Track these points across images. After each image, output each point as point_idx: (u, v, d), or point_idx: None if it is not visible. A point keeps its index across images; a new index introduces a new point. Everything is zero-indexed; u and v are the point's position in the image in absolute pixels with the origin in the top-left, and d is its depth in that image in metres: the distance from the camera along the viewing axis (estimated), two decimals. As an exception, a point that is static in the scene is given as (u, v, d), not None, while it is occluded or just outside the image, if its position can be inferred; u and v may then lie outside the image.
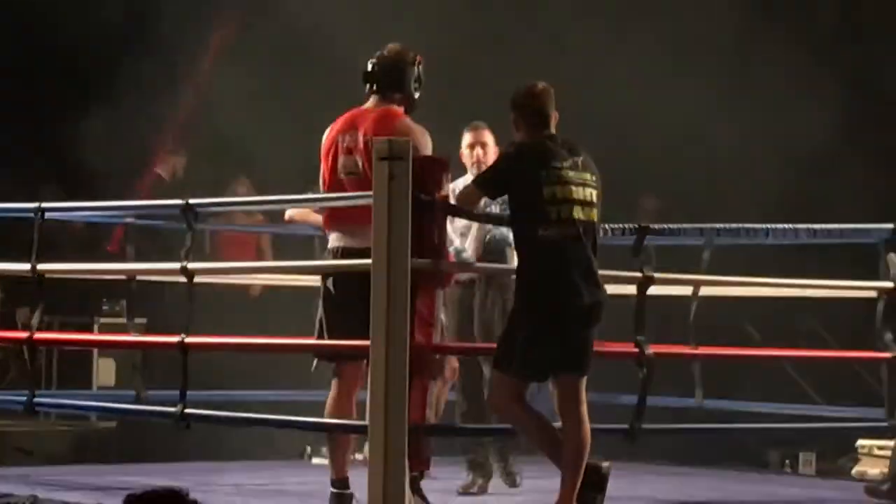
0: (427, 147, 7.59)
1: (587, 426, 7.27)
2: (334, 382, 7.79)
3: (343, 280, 7.47)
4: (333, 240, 7.64)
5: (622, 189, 8.72)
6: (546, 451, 7.30)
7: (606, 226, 7.77)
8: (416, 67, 7.81)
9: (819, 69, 12.25)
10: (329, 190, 7.64)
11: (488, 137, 8.82)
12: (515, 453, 9.02)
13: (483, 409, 8.51)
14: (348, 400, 7.59)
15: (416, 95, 7.81)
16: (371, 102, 7.77)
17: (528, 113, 7.36)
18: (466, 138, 8.92)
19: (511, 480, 9.13)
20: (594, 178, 7.32)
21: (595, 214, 7.29)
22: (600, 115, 11.73)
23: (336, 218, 7.61)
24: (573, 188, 7.21)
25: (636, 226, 8.00)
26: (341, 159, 7.52)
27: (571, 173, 7.22)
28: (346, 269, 7.45)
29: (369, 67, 7.80)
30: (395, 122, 7.60)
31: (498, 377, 7.27)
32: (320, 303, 7.72)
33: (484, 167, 8.30)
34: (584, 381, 7.31)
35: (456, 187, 8.01)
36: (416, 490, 7.57)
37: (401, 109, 7.73)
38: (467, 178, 8.18)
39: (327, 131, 7.78)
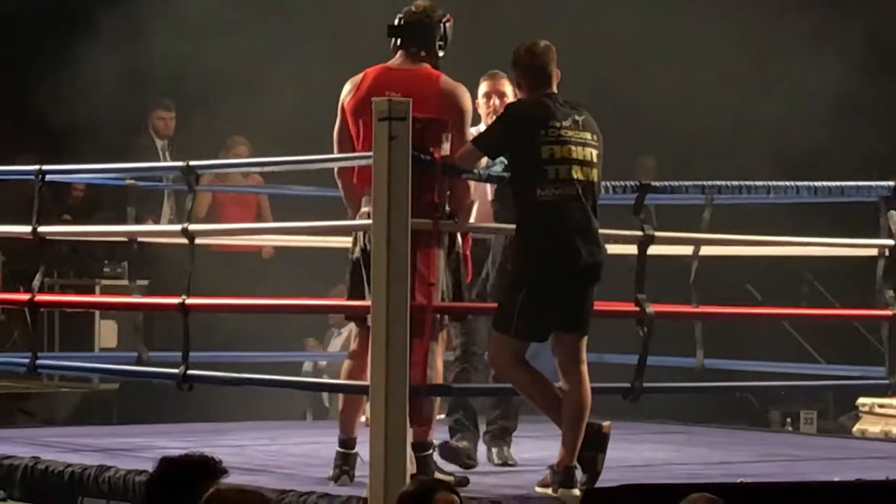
0: (470, 106, 7.63)
1: (587, 385, 7.29)
2: (352, 347, 7.84)
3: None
4: (365, 203, 7.56)
5: (619, 150, 8.66)
6: (546, 410, 7.32)
7: (608, 183, 7.78)
8: (442, 25, 7.74)
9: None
10: (366, 150, 7.41)
11: (507, 87, 8.34)
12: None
13: (471, 372, 8.42)
14: (363, 364, 7.49)
15: (441, 54, 7.76)
16: (398, 60, 7.72)
17: (530, 71, 7.35)
18: (483, 87, 8.48)
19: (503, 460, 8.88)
20: (595, 138, 7.32)
21: (595, 174, 7.29)
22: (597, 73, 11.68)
23: (370, 181, 7.34)
24: (572, 147, 7.21)
25: (637, 183, 8.00)
26: None
27: (570, 133, 7.22)
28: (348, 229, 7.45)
29: (396, 21, 7.76)
30: (438, 83, 7.59)
31: (498, 338, 7.29)
32: (354, 265, 7.71)
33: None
34: (585, 340, 7.33)
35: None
36: (428, 467, 7.55)
37: (432, 68, 7.70)
38: (480, 129, 8.07)
39: (350, 86, 7.71)
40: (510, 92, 8.17)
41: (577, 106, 7.34)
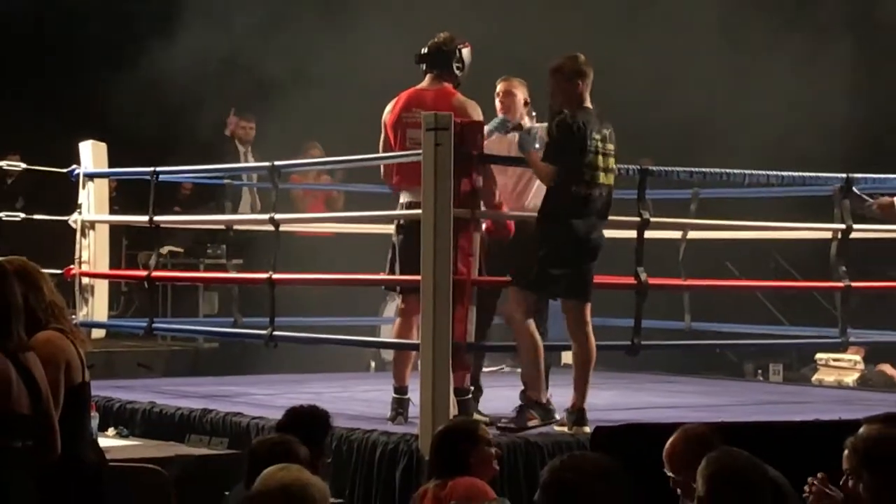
0: (478, 117, 7.60)
1: (593, 343, 7.26)
2: (399, 310, 7.81)
3: (409, 228, 7.42)
4: (404, 196, 7.64)
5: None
6: (532, 362, 7.26)
7: (614, 166, 7.71)
8: (458, 51, 7.75)
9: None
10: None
11: (517, 89, 8.08)
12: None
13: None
14: (409, 324, 7.56)
15: (459, 74, 7.76)
16: (426, 82, 7.78)
17: (578, 84, 7.17)
18: (498, 87, 8.18)
19: None
20: (614, 149, 7.27)
21: (613, 179, 7.26)
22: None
23: (405, 179, 7.58)
24: (602, 157, 7.18)
25: (638, 167, 7.95)
26: (409, 132, 7.49)
27: (603, 145, 7.18)
28: (410, 218, 7.41)
29: (422, 51, 7.79)
30: (451, 100, 7.61)
31: (515, 293, 7.24)
32: (392, 245, 7.70)
33: (510, 115, 7.93)
34: (588, 306, 7.29)
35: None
36: (469, 409, 7.52)
37: (451, 87, 7.71)
38: (494, 122, 7.90)
39: (390, 107, 7.78)
40: (521, 94, 7.99)
41: (605, 119, 7.26)
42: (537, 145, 7.23)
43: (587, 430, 7.07)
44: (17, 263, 5.30)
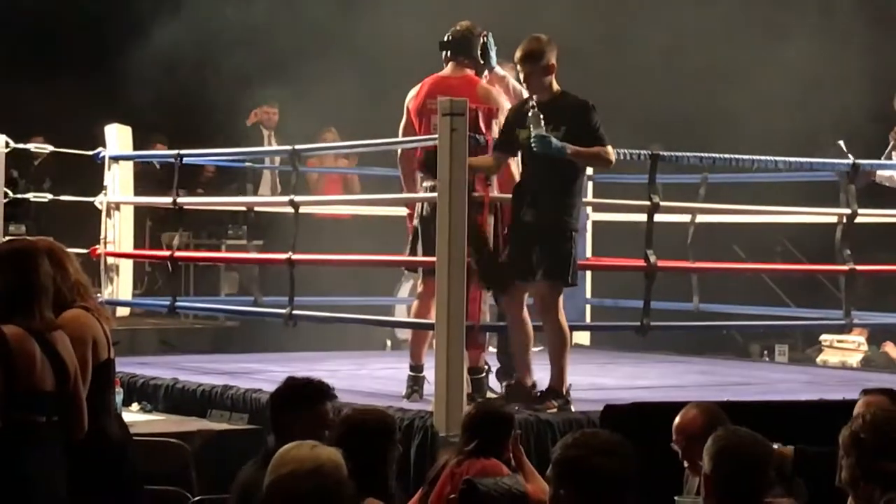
0: (504, 102, 7.60)
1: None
2: (419, 292, 7.82)
3: (432, 211, 7.33)
4: (427, 180, 7.54)
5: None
6: (525, 347, 7.25)
7: (625, 151, 7.66)
8: (481, 38, 7.74)
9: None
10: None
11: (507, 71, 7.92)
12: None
13: None
14: (428, 305, 7.51)
15: (482, 62, 7.74)
16: (448, 69, 7.76)
17: (554, 66, 7.09)
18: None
19: None
20: None
21: None
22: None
23: None
24: None
25: (649, 153, 7.93)
26: (434, 118, 7.39)
27: None
28: (433, 202, 7.40)
29: (445, 38, 7.78)
30: (475, 88, 7.59)
31: (551, 287, 7.18)
32: (415, 228, 7.69)
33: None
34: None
35: None
36: (482, 387, 7.54)
37: (473, 75, 7.71)
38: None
39: (412, 94, 7.76)
40: (510, 76, 7.85)
41: None
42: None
43: (573, 409, 7.07)
44: (44, 244, 5.32)
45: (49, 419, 4.94)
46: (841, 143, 8.58)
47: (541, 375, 7.33)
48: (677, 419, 5.24)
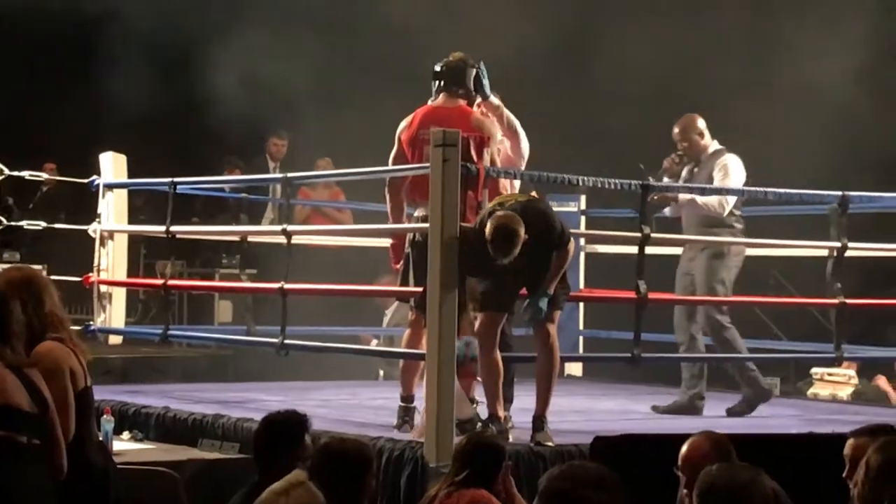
0: (497, 132, 7.59)
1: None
2: (410, 321, 7.77)
3: (424, 241, 7.26)
4: (419, 210, 7.57)
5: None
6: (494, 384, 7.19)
7: (618, 181, 7.71)
8: (474, 70, 7.74)
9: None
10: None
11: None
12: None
13: None
14: (420, 335, 7.44)
15: (475, 92, 7.74)
16: (441, 99, 7.73)
17: None
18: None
19: None
20: None
21: None
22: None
23: (419, 193, 7.46)
24: None
25: (640, 183, 7.92)
26: (426, 149, 7.30)
27: None
28: (425, 231, 7.35)
29: (437, 69, 7.77)
30: (469, 118, 7.57)
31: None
32: (406, 257, 7.66)
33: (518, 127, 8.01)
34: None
35: None
36: (478, 418, 7.50)
37: (466, 105, 7.69)
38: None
39: (404, 124, 7.74)
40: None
41: None
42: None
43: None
44: (25, 274, 5.42)
45: (30, 441, 4.93)
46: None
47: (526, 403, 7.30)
48: (685, 447, 5.18)
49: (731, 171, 8.64)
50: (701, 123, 8.79)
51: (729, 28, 11.40)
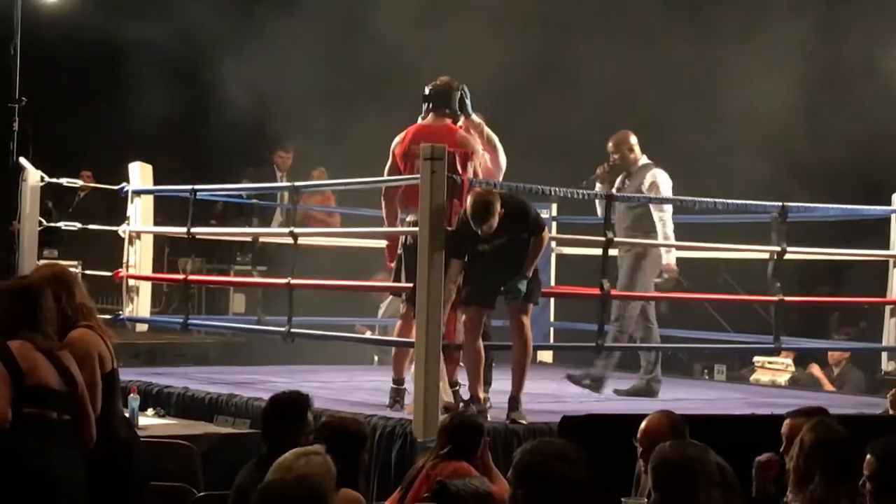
0: (479, 147, 7.59)
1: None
2: (402, 314, 7.76)
3: (413, 243, 7.25)
4: (411, 216, 7.52)
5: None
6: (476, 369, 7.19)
7: (585, 193, 7.77)
8: (459, 92, 7.74)
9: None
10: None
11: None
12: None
13: None
14: (410, 325, 7.41)
15: (459, 112, 7.74)
16: (430, 119, 7.74)
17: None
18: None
19: None
20: None
21: None
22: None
23: (411, 201, 7.44)
24: None
25: (605, 194, 7.93)
26: (417, 162, 7.24)
27: None
28: (415, 234, 7.34)
29: (426, 91, 7.77)
30: (454, 135, 7.58)
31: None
32: (399, 257, 7.65)
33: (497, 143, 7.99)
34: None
35: None
36: (457, 399, 7.49)
37: (451, 123, 7.69)
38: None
39: (398, 140, 7.75)
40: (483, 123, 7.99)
41: None
42: None
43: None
44: (54, 270, 5.50)
45: (60, 417, 4.96)
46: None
47: (503, 385, 7.31)
48: (644, 423, 5.19)
49: (660, 184, 8.63)
50: (633, 139, 8.79)
51: (679, 54, 11.35)
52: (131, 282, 9.80)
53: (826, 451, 4.58)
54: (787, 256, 8.50)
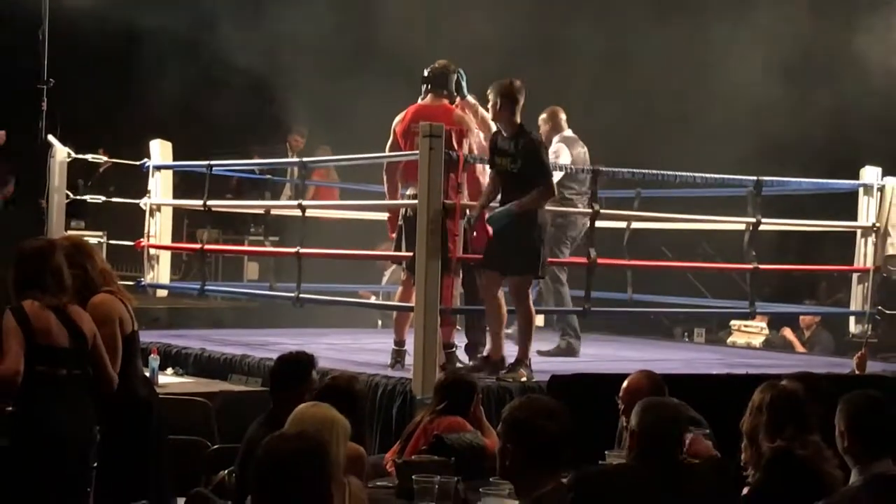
0: (474, 126, 7.57)
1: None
2: (402, 280, 7.76)
3: (413, 215, 7.24)
4: (411, 189, 7.48)
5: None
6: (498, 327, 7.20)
7: (572, 168, 7.73)
8: (455, 75, 7.73)
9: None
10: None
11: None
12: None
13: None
14: (410, 291, 7.41)
15: (456, 93, 7.73)
16: (429, 99, 7.74)
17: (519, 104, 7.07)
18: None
19: None
20: None
21: None
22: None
23: (410, 176, 7.42)
24: None
25: (591, 168, 7.92)
26: (416, 139, 7.21)
27: None
28: (411, 206, 7.32)
29: (425, 73, 7.76)
30: (451, 114, 7.58)
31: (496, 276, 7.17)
32: (400, 228, 7.63)
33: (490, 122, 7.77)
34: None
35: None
36: (453, 359, 7.48)
37: (448, 104, 7.68)
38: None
39: (398, 119, 7.74)
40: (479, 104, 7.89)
41: None
42: None
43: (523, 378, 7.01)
44: (73, 240, 5.61)
45: (70, 372, 5.00)
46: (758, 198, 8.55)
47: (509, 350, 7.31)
48: (626, 381, 5.19)
49: (562, 153, 8.53)
50: (562, 115, 8.71)
51: (671, 34, 11.28)
52: (152, 251, 9.79)
53: (773, 408, 4.59)
54: (761, 227, 8.49)
